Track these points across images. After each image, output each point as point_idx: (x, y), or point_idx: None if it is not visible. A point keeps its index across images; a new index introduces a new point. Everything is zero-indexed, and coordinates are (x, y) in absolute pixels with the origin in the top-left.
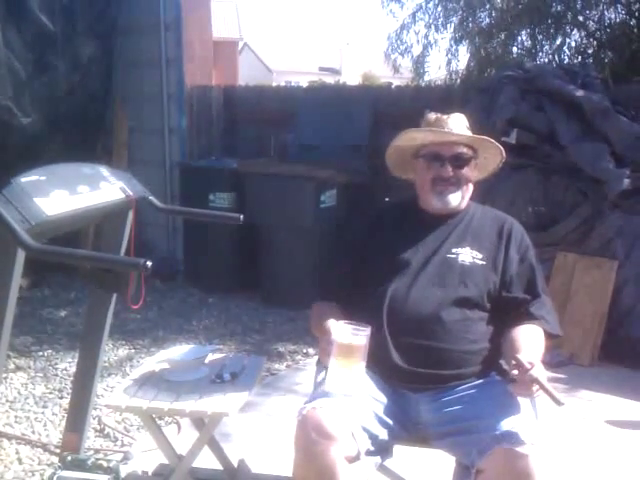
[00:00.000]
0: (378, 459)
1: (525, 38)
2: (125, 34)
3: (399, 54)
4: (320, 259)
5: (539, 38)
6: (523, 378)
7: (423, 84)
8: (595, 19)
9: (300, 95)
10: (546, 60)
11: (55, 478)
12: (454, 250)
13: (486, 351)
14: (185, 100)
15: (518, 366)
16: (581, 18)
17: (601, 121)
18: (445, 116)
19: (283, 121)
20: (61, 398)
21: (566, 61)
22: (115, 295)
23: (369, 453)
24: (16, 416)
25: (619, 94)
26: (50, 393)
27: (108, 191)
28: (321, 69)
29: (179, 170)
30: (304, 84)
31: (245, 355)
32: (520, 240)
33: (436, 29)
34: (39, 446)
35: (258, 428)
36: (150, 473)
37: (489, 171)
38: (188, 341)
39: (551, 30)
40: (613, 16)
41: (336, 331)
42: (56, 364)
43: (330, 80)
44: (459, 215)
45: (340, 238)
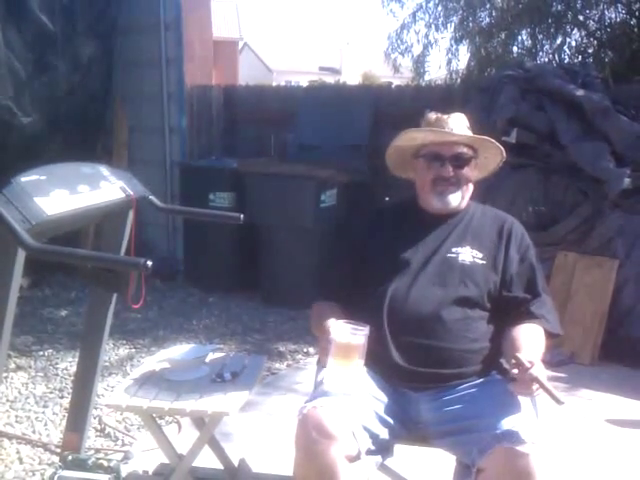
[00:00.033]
0: (379, 458)
1: (525, 38)
2: (125, 34)
3: (399, 54)
4: (320, 259)
5: (539, 38)
6: (523, 377)
7: (423, 84)
8: (595, 18)
9: (300, 95)
10: (546, 60)
11: (56, 478)
12: (454, 249)
13: (486, 350)
14: (185, 100)
15: (518, 365)
16: (581, 18)
17: (601, 120)
18: (445, 116)
19: (283, 121)
20: (62, 398)
21: (566, 61)
22: (115, 295)
23: (370, 452)
24: (17, 416)
25: (619, 93)
26: (51, 393)
27: (108, 191)
28: (321, 69)
29: (179, 170)
30: (304, 84)
31: (245, 354)
32: (520, 239)
33: (436, 28)
34: (40, 446)
35: (259, 427)
36: (151, 472)
37: (489, 170)
38: (188, 340)
39: (551, 30)
40: (613, 15)
41: (334, 330)
42: (57, 364)
43: (330, 80)
44: (459, 215)
45: (340, 238)
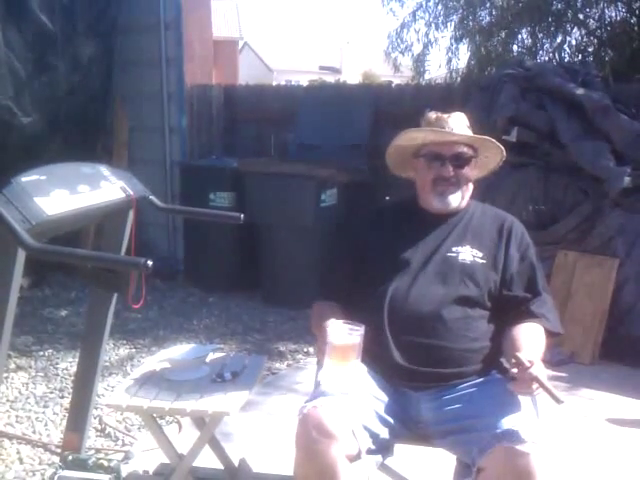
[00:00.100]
0: (379, 458)
1: (525, 36)
2: (125, 33)
3: (399, 53)
4: (320, 258)
5: (539, 36)
6: (523, 376)
7: (423, 83)
8: (595, 17)
9: (300, 94)
10: (546, 58)
11: (56, 478)
12: (454, 249)
13: (487, 349)
14: (185, 99)
15: (518, 364)
16: (581, 16)
17: (602, 119)
18: (446, 115)
19: (283, 120)
20: (62, 398)
21: (566, 59)
22: (116, 295)
23: (370, 452)
24: (17, 416)
25: (619, 92)
26: (51, 393)
27: (108, 190)
28: (321, 68)
29: (179, 169)
30: (304, 83)
31: (246, 354)
32: (520, 238)
33: (436, 27)
34: (40, 446)
35: (259, 427)
36: (151, 472)
37: (489, 169)
38: (189, 340)
39: (551, 28)
40: (613, 14)
41: (330, 331)
42: (57, 364)
43: (330, 79)
44: (459, 214)
45: (340, 237)
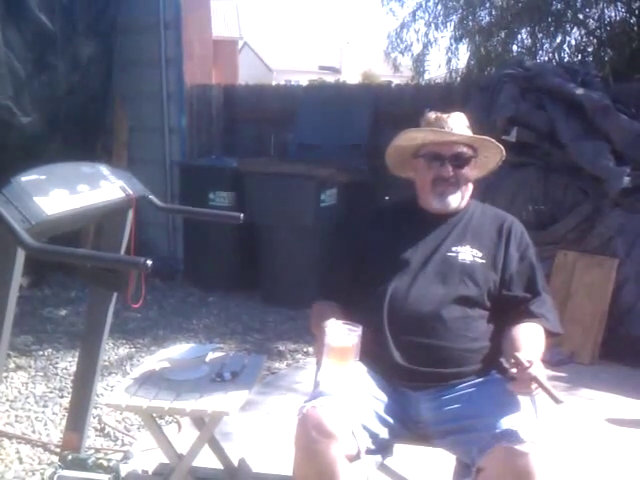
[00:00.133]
0: (378, 458)
1: (525, 36)
2: (125, 33)
3: (399, 53)
4: (320, 258)
5: (539, 36)
6: (522, 376)
7: (423, 83)
8: (595, 17)
9: (300, 94)
10: (546, 58)
11: (56, 477)
12: (454, 248)
13: (486, 349)
14: (185, 99)
15: (517, 364)
16: (581, 16)
17: (601, 119)
18: (445, 115)
19: (283, 120)
20: (61, 397)
21: (566, 59)
22: (115, 294)
23: (369, 452)
24: (16, 415)
25: (619, 92)
26: (50, 392)
27: (108, 190)
28: (321, 68)
29: (179, 169)
30: (304, 83)
31: (245, 354)
32: (520, 238)
33: (436, 27)
34: (39, 445)
35: (258, 427)
36: (150, 472)
37: (489, 169)
38: (188, 340)
39: (551, 28)
40: (613, 14)
41: (327, 331)
42: (56, 363)
43: (330, 79)
44: (459, 214)
45: (340, 237)
